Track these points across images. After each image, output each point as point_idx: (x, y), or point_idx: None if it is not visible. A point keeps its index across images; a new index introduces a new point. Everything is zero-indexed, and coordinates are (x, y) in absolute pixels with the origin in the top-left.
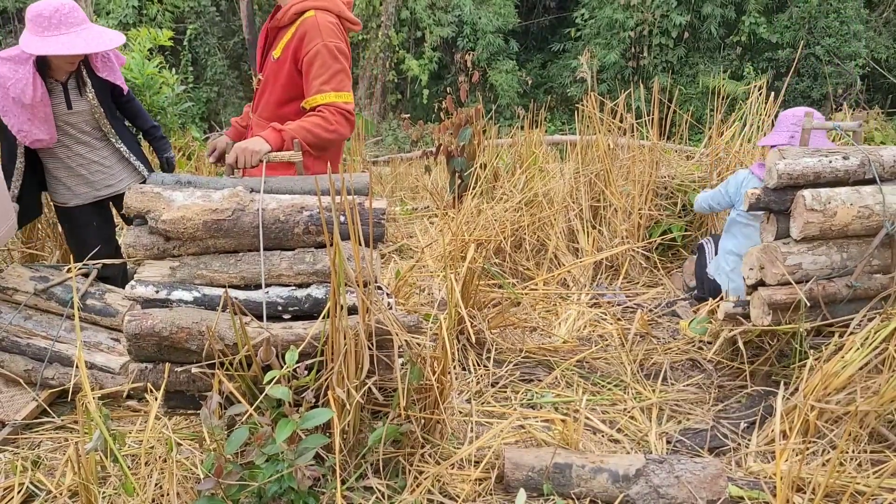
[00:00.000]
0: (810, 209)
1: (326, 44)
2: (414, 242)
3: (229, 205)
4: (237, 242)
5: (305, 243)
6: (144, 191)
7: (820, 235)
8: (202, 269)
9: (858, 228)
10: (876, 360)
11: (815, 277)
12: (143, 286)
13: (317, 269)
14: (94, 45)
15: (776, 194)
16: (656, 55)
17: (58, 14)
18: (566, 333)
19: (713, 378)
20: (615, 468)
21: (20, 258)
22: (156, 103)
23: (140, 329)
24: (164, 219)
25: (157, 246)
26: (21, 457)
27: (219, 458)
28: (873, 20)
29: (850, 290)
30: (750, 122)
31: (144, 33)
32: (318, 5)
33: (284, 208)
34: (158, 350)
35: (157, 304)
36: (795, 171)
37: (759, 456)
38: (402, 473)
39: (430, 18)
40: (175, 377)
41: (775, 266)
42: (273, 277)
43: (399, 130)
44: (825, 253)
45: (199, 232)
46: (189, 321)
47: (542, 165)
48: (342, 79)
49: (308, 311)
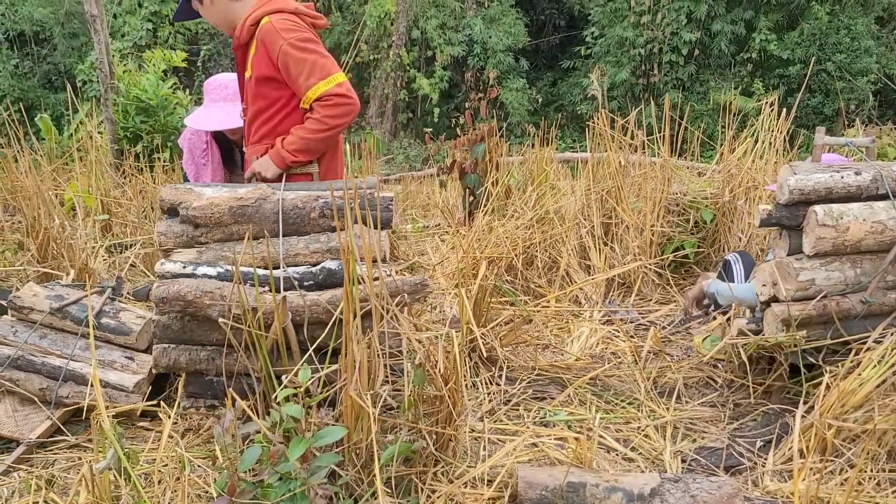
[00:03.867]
0: (822, 224)
1: (289, 41)
2: (425, 260)
3: (253, 195)
4: (259, 228)
5: (320, 227)
6: (178, 187)
7: (833, 251)
8: (226, 252)
9: (872, 244)
10: (893, 377)
11: (827, 293)
12: (172, 263)
13: (330, 246)
14: (204, 123)
15: (788, 210)
16: (667, 72)
17: (207, 87)
18: (579, 351)
19: (727, 395)
20: (630, 487)
21: (35, 277)
22: (170, 124)
23: (167, 293)
24: (195, 206)
25: (187, 234)
26: (35, 475)
27: (232, 476)
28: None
29: (865, 306)
30: (762, 139)
31: (159, 55)
32: (270, 9)
33: (302, 197)
34: (182, 327)
35: (184, 278)
36: (807, 187)
37: (775, 475)
38: (414, 492)
39: (441, 38)
40: (195, 355)
41: (788, 282)
42: (291, 258)
43: (410, 149)
44: (838, 269)
45: (224, 217)
46: (212, 286)
47: (554, 183)
48: (322, 63)
49: (322, 282)
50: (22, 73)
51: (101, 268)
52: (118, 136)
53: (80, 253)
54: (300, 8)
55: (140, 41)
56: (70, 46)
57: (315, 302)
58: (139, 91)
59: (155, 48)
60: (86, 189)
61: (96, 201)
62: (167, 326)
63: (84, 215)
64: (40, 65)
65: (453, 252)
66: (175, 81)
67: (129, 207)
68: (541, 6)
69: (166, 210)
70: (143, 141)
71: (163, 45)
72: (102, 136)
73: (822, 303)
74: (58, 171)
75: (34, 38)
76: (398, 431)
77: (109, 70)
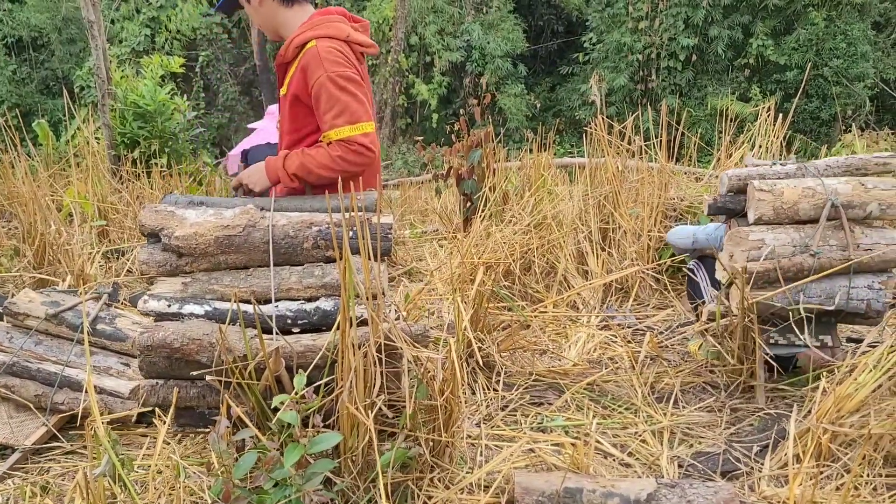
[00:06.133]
0: (759, 190)
1: (329, 74)
2: (423, 265)
3: (240, 221)
4: (248, 258)
5: (314, 258)
6: (158, 209)
7: (775, 217)
8: (213, 285)
9: (808, 209)
10: (889, 382)
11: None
12: (156, 300)
13: (325, 282)
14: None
15: (730, 197)
16: (664, 78)
17: None
18: (576, 356)
19: (724, 400)
20: (626, 493)
21: (31, 283)
22: (167, 129)
23: (152, 341)
24: (178, 235)
25: (170, 262)
26: (30, 482)
27: (227, 483)
28: (881, 41)
29: (815, 259)
30: (759, 144)
31: (157, 60)
32: (319, 34)
33: (294, 224)
34: (169, 365)
35: (169, 318)
36: (742, 174)
37: (772, 480)
38: (411, 498)
39: (440, 43)
40: (185, 393)
41: (741, 245)
42: (283, 291)
43: (409, 154)
44: (784, 232)
45: (210, 248)
46: (200, 333)
47: (551, 188)
48: (355, 109)
49: (317, 323)
50: (19, 78)
51: (98, 274)
52: (115, 141)
53: (77, 259)
54: (352, 36)
55: (138, 47)
56: (68, 52)
57: (309, 348)
58: (137, 97)
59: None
60: (83, 195)
61: (93, 207)
62: (154, 363)
63: (81, 221)
64: (38, 70)
65: (451, 258)
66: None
67: (126, 213)
68: (539, 12)
69: (147, 235)
70: (140, 147)
71: (160, 50)
72: (100, 141)
73: (774, 259)
74: (55, 177)
75: (32, 43)
76: (395, 438)
77: (107, 76)
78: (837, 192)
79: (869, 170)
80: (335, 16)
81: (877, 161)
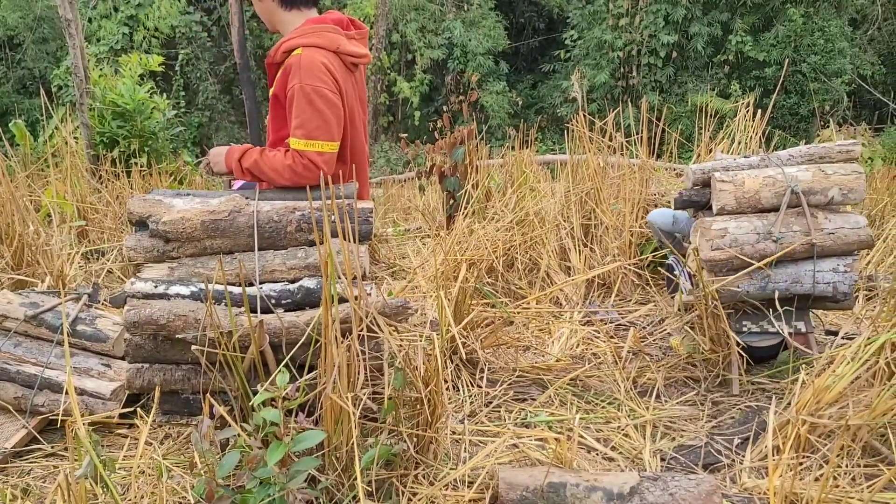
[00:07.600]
0: (721, 181)
1: (303, 85)
2: (406, 263)
3: (226, 207)
4: (233, 242)
5: (298, 241)
6: (146, 198)
7: (737, 207)
8: (199, 268)
9: (770, 197)
10: (867, 374)
11: None
12: (143, 282)
13: (308, 262)
14: None
15: (696, 190)
16: (645, 74)
17: None
18: (559, 352)
19: (704, 393)
20: (609, 486)
21: (9, 284)
22: (147, 128)
23: (139, 317)
24: (165, 220)
25: (157, 248)
26: (11, 485)
27: (210, 482)
28: (858, 38)
29: (777, 245)
30: (738, 140)
31: (135, 59)
32: (309, 42)
33: (278, 209)
34: (154, 347)
35: (156, 299)
36: (707, 168)
37: (753, 471)
38: (395, 495)
39: (421, 41)
40: (170, 376)
41: (706, 234)
42: (267, 274)
43: (391, 152)
44: (747, 220)
45: (197, 232)
46: (186, 310)
47: (534, 185)
48: (316, 126)
49: (300, 301)
50: None
51: (78, 274)
52: (94, 141)
53: (56, 259)
54: (342, 47)
55: (116, 45)
56: (42, 51)
57: (293, 324)
58: (115, 96)
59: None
60: (61, 195)
61: (72, 207)
62: (140, 346)
63: (60, 221)
64: (14, 70)
65: (434, 255)
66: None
67: (105, 213)
68: (520, 9)
69: (135, 223)
70: (119, 146)
71: (139, 49)
72: (78, 141)
73: (738, 246)
74: (33, 177)
75: (7, 43)
76: (378, 434)
77: (85, 75)
78: (798, 180)
79: (833, 158)
80: (329, 24)
81: (840, 149)
